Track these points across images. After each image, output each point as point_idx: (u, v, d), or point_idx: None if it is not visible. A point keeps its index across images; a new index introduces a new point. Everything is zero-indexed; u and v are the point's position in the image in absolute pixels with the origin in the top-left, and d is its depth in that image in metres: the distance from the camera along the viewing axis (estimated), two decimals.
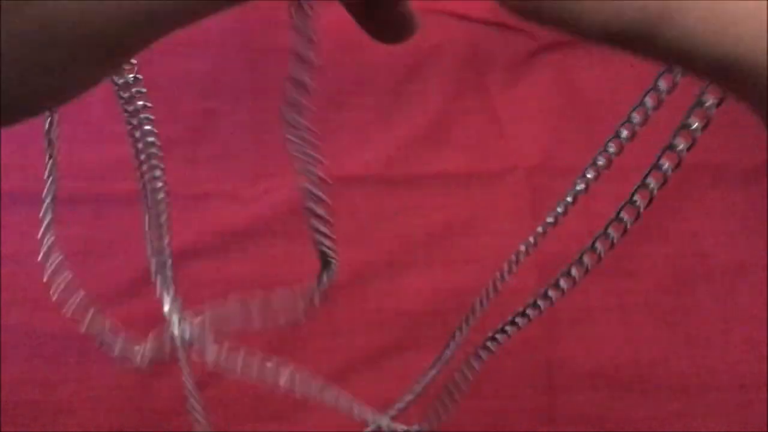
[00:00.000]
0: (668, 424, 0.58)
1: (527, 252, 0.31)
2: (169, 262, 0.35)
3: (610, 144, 0.27)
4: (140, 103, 0.27)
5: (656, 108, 0.26)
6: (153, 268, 0.34)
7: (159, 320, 0.61)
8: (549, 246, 0.65)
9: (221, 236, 0.64)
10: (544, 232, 0.30)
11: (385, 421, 0.42)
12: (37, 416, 0.57)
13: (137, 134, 0.27)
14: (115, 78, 0.25)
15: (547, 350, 0.60)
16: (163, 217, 0.32)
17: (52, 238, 0.27)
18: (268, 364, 0.38)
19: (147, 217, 0.31)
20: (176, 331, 0.34)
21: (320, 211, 0.26)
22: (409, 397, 0.45)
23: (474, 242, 0.65)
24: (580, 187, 0.29)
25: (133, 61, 0.26)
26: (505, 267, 0.33)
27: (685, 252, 0.64)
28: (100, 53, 0.16)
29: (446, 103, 0.71)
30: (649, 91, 0.26)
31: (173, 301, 0.34)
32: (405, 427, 0.43)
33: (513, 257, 0.32)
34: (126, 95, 0.26)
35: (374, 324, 0.62)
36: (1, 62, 0.15)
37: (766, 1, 0.16)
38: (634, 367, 0.60)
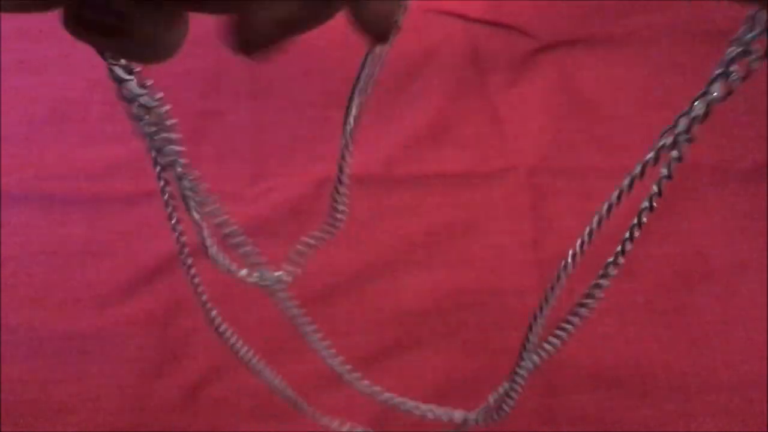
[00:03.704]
0: (668, 424, 0.58)
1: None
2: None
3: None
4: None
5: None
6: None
7: (159, 320, 0.61)
8: (549, 246, 0.65)
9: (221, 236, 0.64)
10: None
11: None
12: (37, 416, 0.57)
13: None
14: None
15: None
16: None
17: None
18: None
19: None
20: None
21: None
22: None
23: (474, 242, 0.65)
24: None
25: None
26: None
27: (685, 252, 0.64)
28: None
29: (446, 103, 0.71)
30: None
31: None
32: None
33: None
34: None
35: (374, 324, 0.62)
36: None
37: None
38: (634, 367, 0.59)
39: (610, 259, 0.28)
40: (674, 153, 0.24)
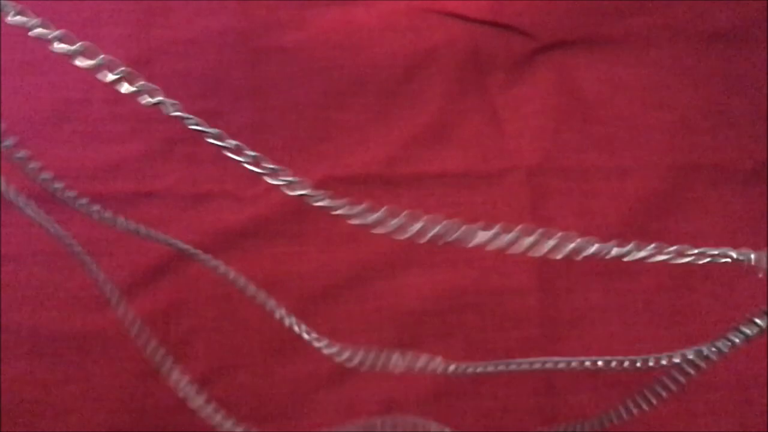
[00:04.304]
0: (668, 424, 0.58)
1: None
2: None
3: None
4: None
5: None
6: None
7: (159, 320, 0.61)
8: None
9: (221, 236, 0.64)
10: None
11: None
12: (37, 416, 0.57)
13: None
14: None
15: (547, 350, 0.60)
16: None
17: None
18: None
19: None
20: None
21: None
22: None
23: None
24: None
25: None
26: None
27: None
28: None
29: (446, 103, 0.71)
30: None
31: None
32: None
33: None
34: None
35: (374, 324, 0.62)
36: None
37: None
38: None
39: None
40: None
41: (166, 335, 0.60)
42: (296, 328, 0.38)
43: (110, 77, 0.25)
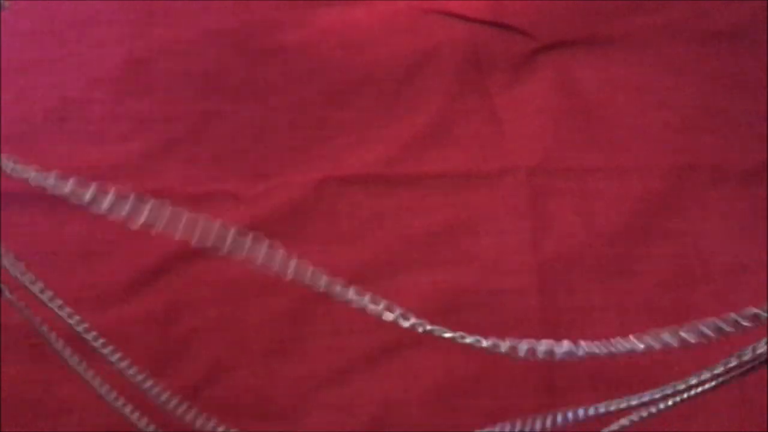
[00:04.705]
0: (668, 424, 0.58)
1: None
2: None
3: None
4: None
5: None
6: None
7: (160, 320, 0.61)
8: (549, 246, 0.65)
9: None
10: None
11: None
12: (37, 415, 0.57)
13: None
14: None
15: None
16: None
17: None
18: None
19: None
20: None
21: None
22: None
23: (474, 242, 0.65)
24: None
25: None
26: None
27: (685, 252, 0.64)
28: None
29: (446, 103, 0.71)
30: None
31: None
32: None
33: None
34: None
35: (374, 324, 0.61)
36: None
37: None
38: (634, 367, 0.59)
39: None
40: None
41: (166, 335, 0.60)
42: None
43: None
